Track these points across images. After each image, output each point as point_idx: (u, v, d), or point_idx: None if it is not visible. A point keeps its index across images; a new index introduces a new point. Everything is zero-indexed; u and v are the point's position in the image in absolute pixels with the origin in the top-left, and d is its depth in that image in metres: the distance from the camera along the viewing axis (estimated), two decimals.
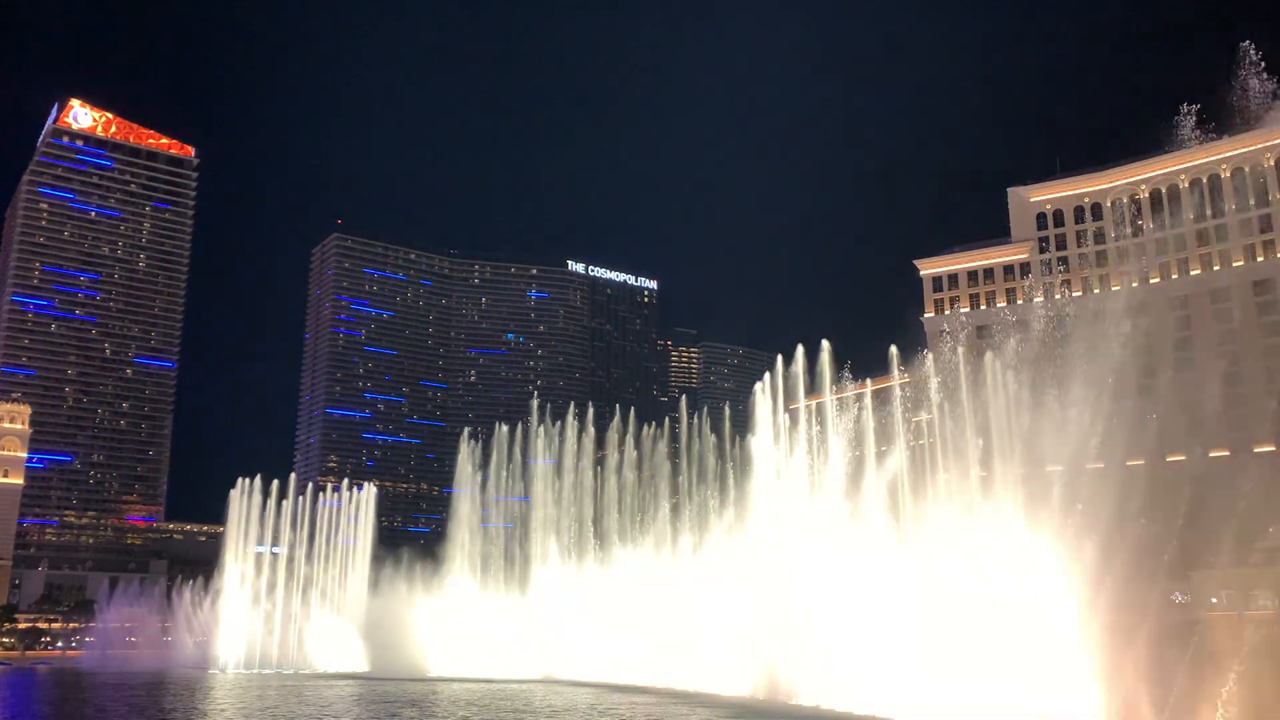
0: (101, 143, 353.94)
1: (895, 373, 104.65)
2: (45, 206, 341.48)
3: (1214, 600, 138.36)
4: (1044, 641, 71.88)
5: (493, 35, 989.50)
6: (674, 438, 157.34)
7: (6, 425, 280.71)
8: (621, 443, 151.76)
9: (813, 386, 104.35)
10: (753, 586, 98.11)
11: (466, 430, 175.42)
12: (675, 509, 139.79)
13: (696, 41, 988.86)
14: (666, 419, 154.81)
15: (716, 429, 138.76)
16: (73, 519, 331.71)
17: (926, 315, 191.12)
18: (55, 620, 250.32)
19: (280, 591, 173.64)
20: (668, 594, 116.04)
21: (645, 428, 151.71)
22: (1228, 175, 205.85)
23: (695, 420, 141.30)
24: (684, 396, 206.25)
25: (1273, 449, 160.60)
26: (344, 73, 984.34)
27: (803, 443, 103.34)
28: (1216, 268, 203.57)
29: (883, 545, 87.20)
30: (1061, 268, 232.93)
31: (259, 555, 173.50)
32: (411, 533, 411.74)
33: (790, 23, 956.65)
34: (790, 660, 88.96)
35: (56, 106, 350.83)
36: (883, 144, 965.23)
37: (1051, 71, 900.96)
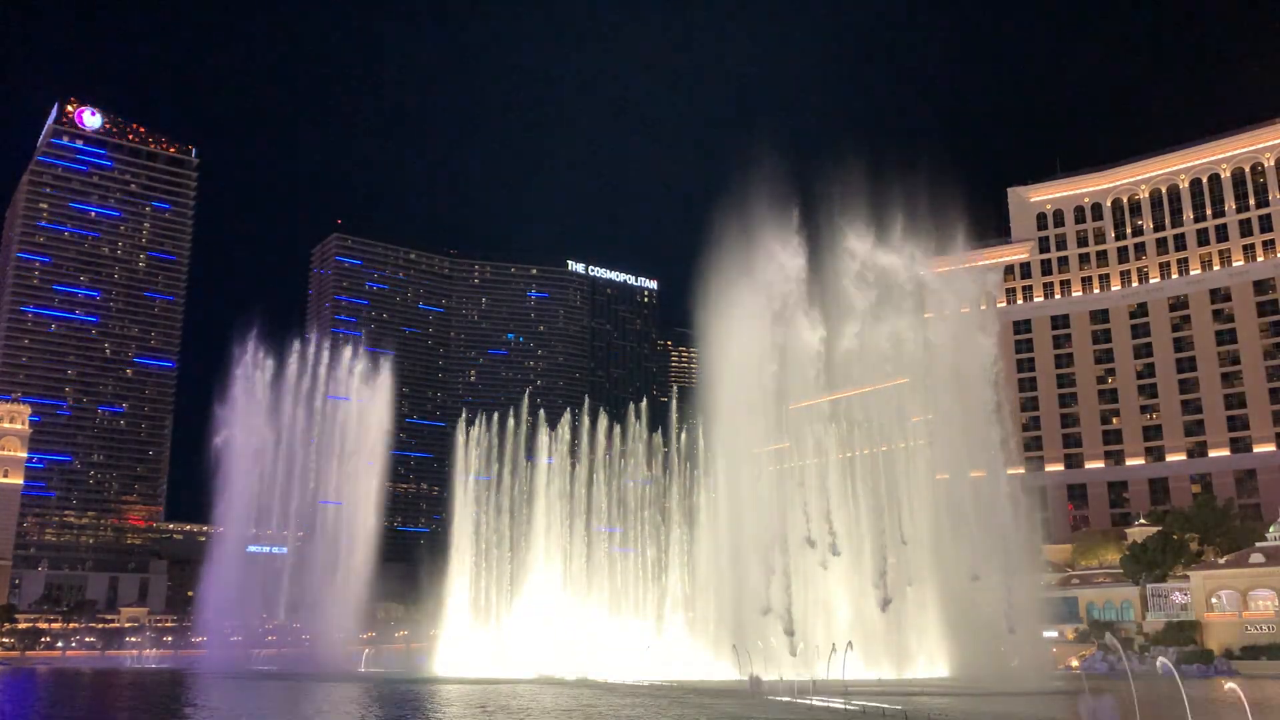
0: (101, 143, 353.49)
1: None
2: (45, 207, 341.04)
3: (1214, 600, 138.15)
4: None
5: (492, 35, 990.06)
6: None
7: (6, 425, 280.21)
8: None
9: None
10: None
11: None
12: None
13: (698, 41, 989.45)
14: None
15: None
16: (73, 519, 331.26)
17: (927, 316, 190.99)
18: (55, 620, 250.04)
19: None
20: None
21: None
22: (1228, 175, 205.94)
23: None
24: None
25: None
26: (344, 73, 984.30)
27: None
28: (1216, 267, 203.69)
29: None
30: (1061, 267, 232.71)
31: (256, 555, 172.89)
32: (411, 533, 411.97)
33: (790, 25, 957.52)
34: None
35: (56, 107, 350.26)
36: (882, 144, 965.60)
37: (1052, 71, 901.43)
